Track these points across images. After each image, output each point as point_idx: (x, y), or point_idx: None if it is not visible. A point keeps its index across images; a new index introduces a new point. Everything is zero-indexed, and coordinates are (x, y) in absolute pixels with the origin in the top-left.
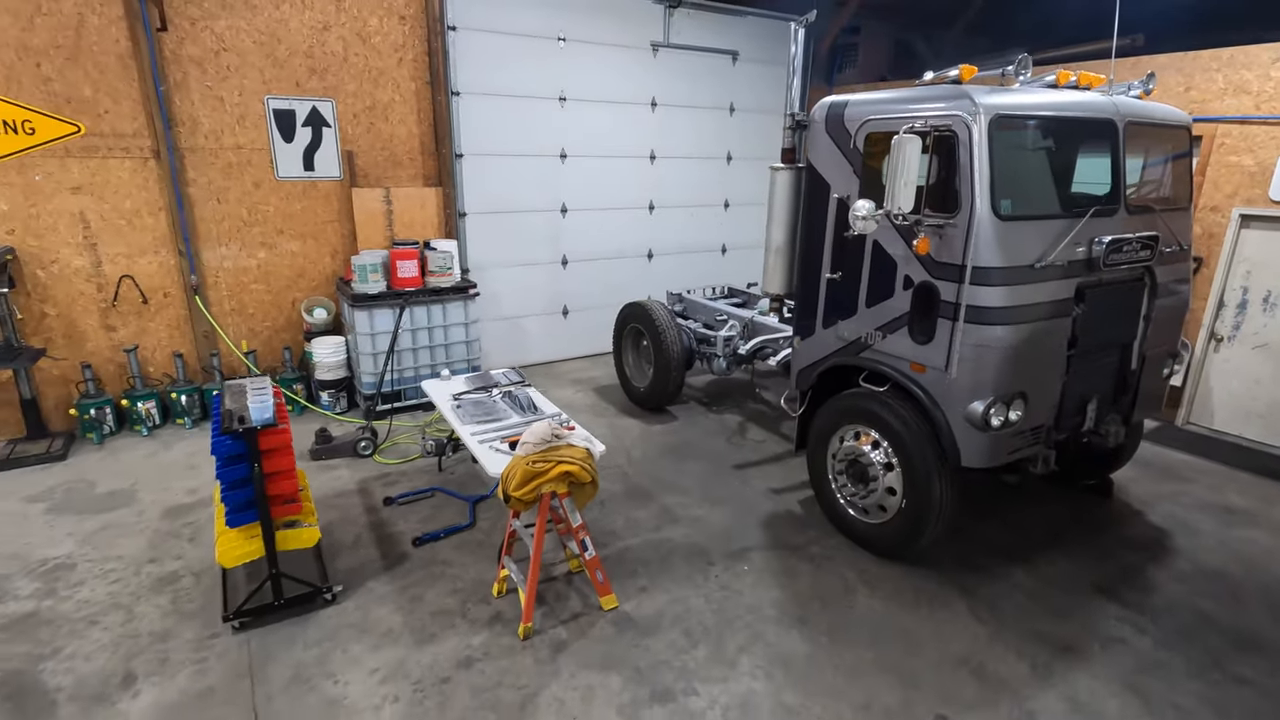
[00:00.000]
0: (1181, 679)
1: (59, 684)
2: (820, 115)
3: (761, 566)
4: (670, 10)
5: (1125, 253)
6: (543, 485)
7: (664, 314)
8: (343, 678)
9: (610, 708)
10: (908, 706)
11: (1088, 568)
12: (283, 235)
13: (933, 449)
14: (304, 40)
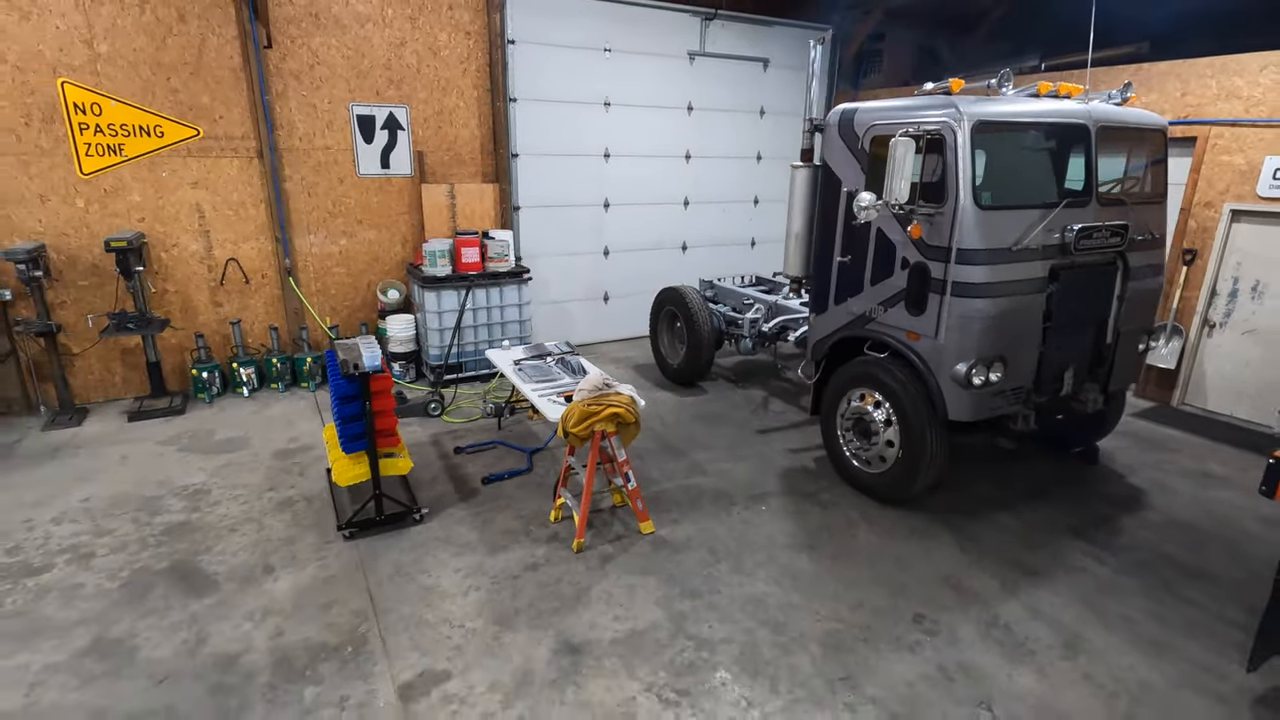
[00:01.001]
0: (1132, 598)
1: (215, 570)
2: (834, 120)
3: (777, 508)
4: (706, 22)
5: (1095, 239)
6: (595, 424)
7: (696, 298)
8: (434, 574)
9: (650, 600)
10: (893, 608)
11: (1065, 515)
12: (361, 225)
13: (925, 406)
14: (384, 54)
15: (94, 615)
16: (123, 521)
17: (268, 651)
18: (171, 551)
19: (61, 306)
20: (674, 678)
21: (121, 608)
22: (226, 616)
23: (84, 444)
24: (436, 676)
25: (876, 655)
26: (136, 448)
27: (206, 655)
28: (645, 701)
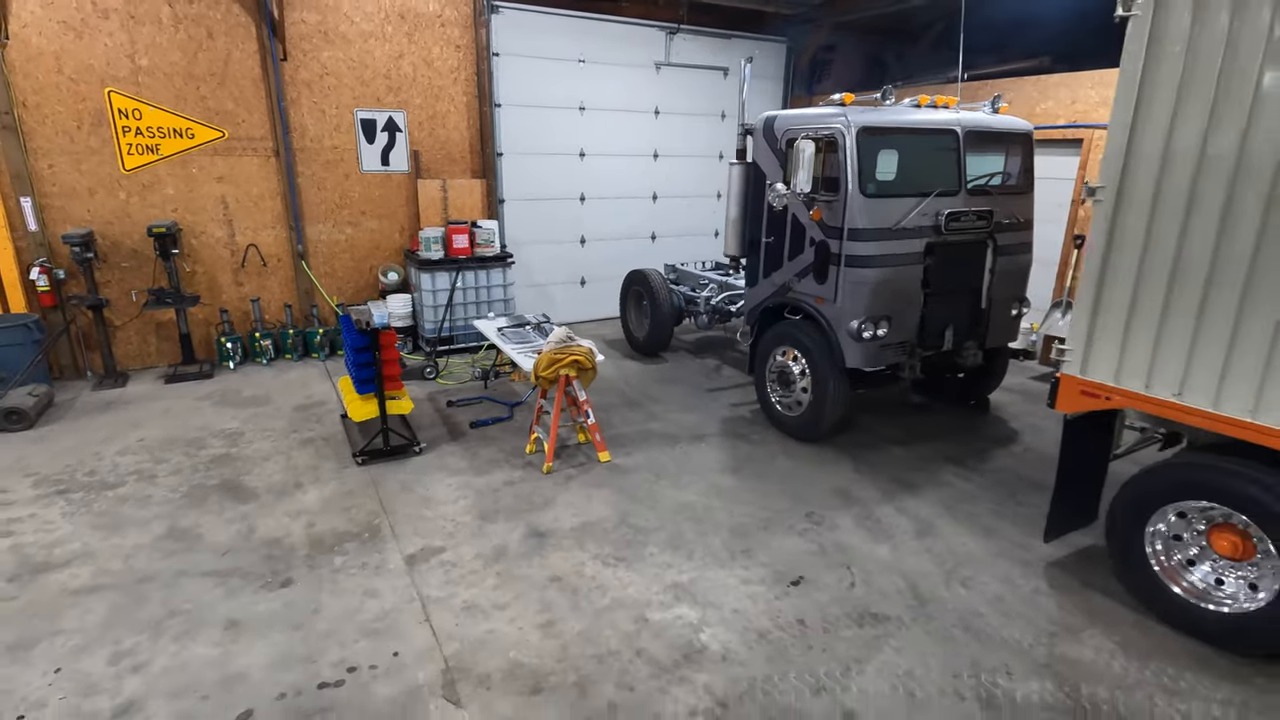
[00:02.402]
0: (981, 503)
1: (256, 486)
2: (760, 126)
3: (714, 445)
4: (670, 35)
5: (963, 222)
6: (560, 368)
7: (659, 279)
8: (431, 488)
9: (602, 504)
10: (792, 508)
11: (948, 448)
12: (364, 215)
13: (829, 358)
14: (384, 65)
15: (165, 514)
16: (175, 453)
17: (304, 536)
18: (219, 473)
19: (106, 285)
20: (615, 551)
21: (185, 509)
22: (269, 515)
23: (131, 400)
24: (433, 550)
25: (772, 537)
26: (176, 403)
27: (256, 538)
28: (592, 565)
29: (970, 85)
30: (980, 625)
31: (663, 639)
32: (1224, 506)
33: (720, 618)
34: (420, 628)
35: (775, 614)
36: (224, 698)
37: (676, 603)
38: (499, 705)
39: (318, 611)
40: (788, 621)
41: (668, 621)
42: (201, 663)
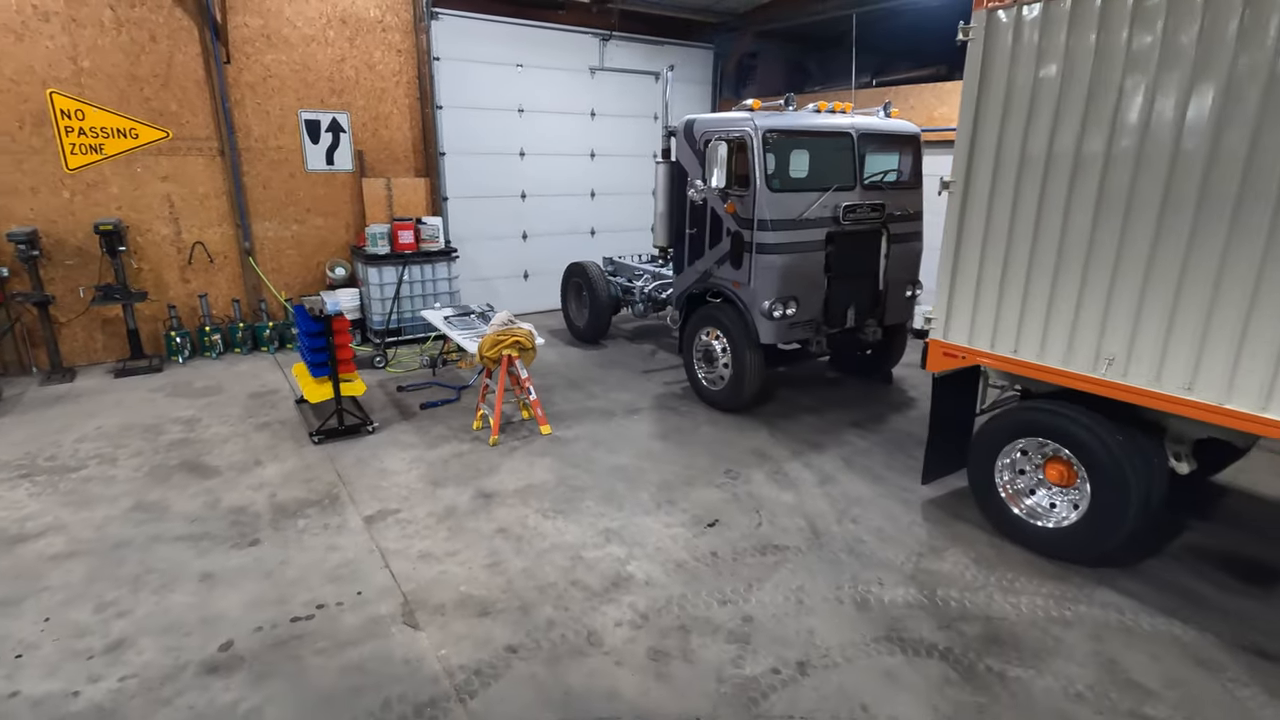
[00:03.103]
0: (876, 458)
1: (217, 464)
2: (681, 128)
3: (647, 417)
4: (604, 42)
5: (858, 213)
6: (503, 349)
7: (597, 271)
8: (385, 461)
9: (543, 469)
10: (713, 466)
11: (853, 414)
12: (310, 213)
13: (746, 335)
14: (327, 69)
15: (130, 491)
16: (134, 439)
17: (267, 504)
18: (180, 455)
19: (51, 283)
20: (554, 506)
21: (151, 486)
22: (232, 488)
23: (81, 394)
24: (390, 511)
25: (693, 489)
26: (128, 395)
27: (222, 508)
28: (534, 518)
29: (875, 91)
30: (862, 550)
31: (595, 571)
32: (1054, 443)
33: (645, 554)
34: (380, 572)
35: (692, 549)
36: (206, 632)
37: (607, 544)
38: (453, 626)
39: (285, 563)
40: (702, 554)
41: (599, 558)
42: (182, 608)
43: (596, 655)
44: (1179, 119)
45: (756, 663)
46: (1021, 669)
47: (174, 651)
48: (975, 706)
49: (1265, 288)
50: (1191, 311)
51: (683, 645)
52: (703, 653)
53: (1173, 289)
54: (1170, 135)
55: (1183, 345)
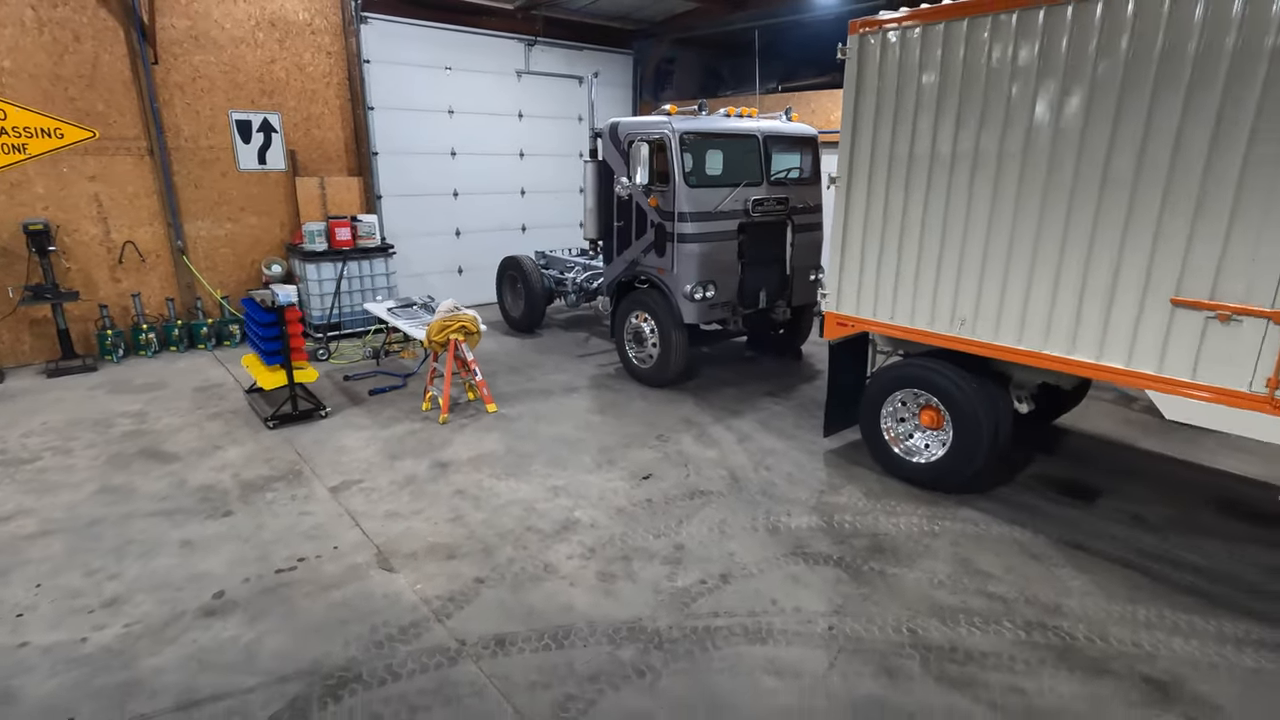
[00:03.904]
0: (787, 419)
1: (176, 450)
2: (607, 130)
3: (584, 395)
4: (529, 47)
5: (766, 206)
6: (450, 333)
7: (530, 263)
8: (342, 441)
9: (493, 442)
10: (646, 433)
11: (768, 386)
12: (244, 212)
13: (671, 316)
14: (257, 70)
15: (92, 477)
16: (84, 432)
17: (233, 482)
18: (136, 444)
19: None
20: (506, 470)
21: (113, 471)
22: (196, 470)
23: (15, 394)
24: (353, 481)
25: (630, 452)
26: (67, 393)
27: (189, 487)
28: (488, 480)
29: (780, 96)
30: (775, 490)
31: (547, 519)
32: (926, 393)
33: (589, 503)
34: (352, 531)
35: (630, 497)
36: (196, 587)
37: (556, 497)
38: (425, 568)
39: (261, 528)
40: (639, 501)
41: (550, 509)
42: (168, 568)
43: (553, 580)
44: (1005, 124)
45: (687, 577)
46: (897, 568)
47: (169, 603)
48: (860, 596)
49: (1068, 261)
50: (1017, 281)
51: (625, 569)
52: (642, 573)
53: (1003, 263)
54: (996, 137)
55: (1013, 306)
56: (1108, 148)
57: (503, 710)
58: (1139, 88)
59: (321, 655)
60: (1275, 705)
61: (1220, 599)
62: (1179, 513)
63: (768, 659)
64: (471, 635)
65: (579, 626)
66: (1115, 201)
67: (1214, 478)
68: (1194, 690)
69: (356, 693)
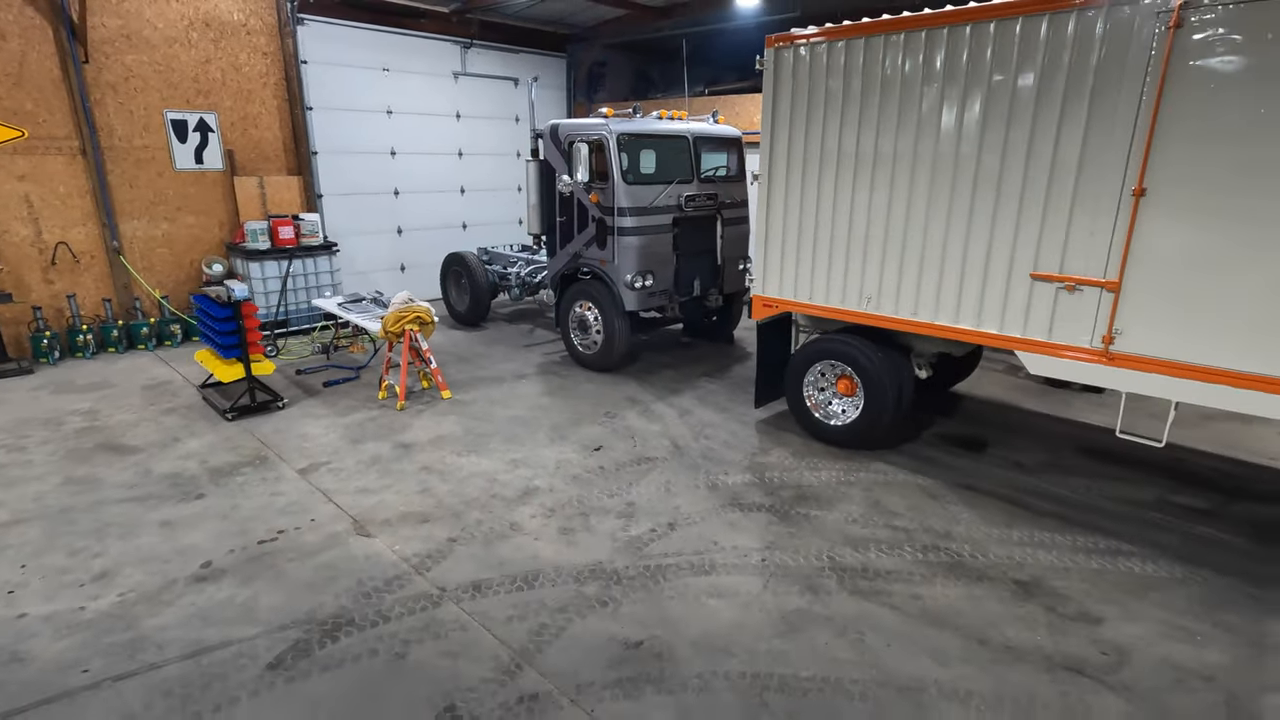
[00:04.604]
0: (722, 396)
1: (136, 444)
2: (547, 131)
3: (533, 381)
4: (465, 49)
5: (697, 202)
6: (405, 323)
7: (474, 259)
8: (303, 429)
9: (451, 425)
10: (594, 411)
11: (704, 368)
12: (181, 211)
13: (614, 304)
14: (191, 70)
15: (53, 470)
16: (36, 430)
17: (201, 469)
18: (92, 439)
19: None
20: (467, 448)
21: (75, 464)
22: (160, 460)
23: None
24: (320, 464)
25: (580, 428)
26: (8, 394)
27: (156, 475)
28: (451, 457)
29: (707, 99)
30: (713, 455)
31: (509, 487)
32: (841, 363)
33: (547, 472)
34: (326, 505)
35: (584, 466)
36: (184, 559)
37: (516, 469)
38: (400, 532)
39: (236, 508)
40: (592, 468)
41: (511, 478)
42: (152, 545)
43: (519, 536)
44: (898, 128)
45: (639, 527)
46: (819, 511)
47: (160, 574)
48: (788, 534)
49: (951, 245)
50: (912, 262)
51: (584, 524)
52: (599, 526)
53: (900, 247)
54: (891, 138)
55: (910, 285)
56: (978, 149)
57: (485, 639)
58: (997, 101)
59: (315, 606)
60: (1109, 593)
61: (1076, 521)
62: (1050, 458)
63: (711, 586)
64: (450, 583)
65: (546, 571)
66: (985, 194)
67: (1080, 429)
68: (1050, 586)
69: (352, 634)
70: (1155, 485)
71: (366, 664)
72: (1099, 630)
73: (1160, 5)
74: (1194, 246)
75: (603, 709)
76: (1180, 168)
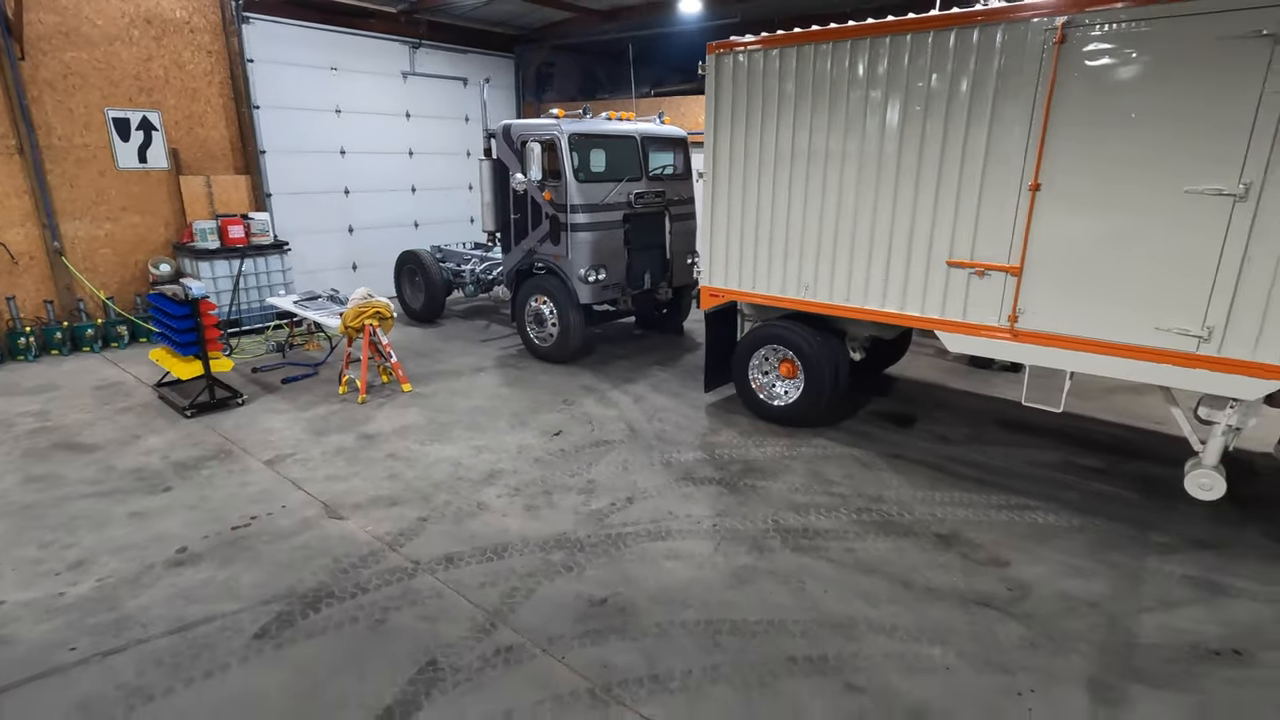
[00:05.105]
0: (674, 383)
1: (95, 442)
2: (500, 131)
3: (492, 373)
4: (414, 49)
5: (646, 199)
6: (365, 318)
7: (429, 257)
8: (266, 424)
9: (414, 415)
10: (552, 399)
11: (656, 357)
12: (125, 211)
13: (568, 298)
14: (133, 67)
15: (10, 470)
16: None
17: (165, 464)
18: (48, 439)
19: None
20: (431, 436)
21: (32, 463)
22: (121, 457)
23: None
24: (286, 455)
25: (540, 415)
26: None
27: (120, 471)
28: (415, 446)
29: (654, 100)
30: (667, 436)
31: (474, 470)
32: (783, 348)
33: (510, 456)
34: (296, 493)
35: (545, 450)
36: (159, 546)
37: (479, 454)
38: (372, 514)
39: (206, 498)
40: (553, 451)
41: (476, 463)
42: (125, 535)
43: (487, 514)
44: (829, 128)
45: (600, 502)
46: (765, 482)
47: (136, 560)
48: (737, 502)
49: (878, 235)
50: (844, 252)
51: (548, 500)
52: (562, 502)
53: (833, 238)
54: (823, 138)
55: (843, 273)
56: (899, 148)
57: (460, 604)
58: (915, 105)
59: (295, 582)
60: (1016, 541)
61: (991, 483)
62: (972, 430)
63: (668, 549)
64: (424, 557)
65: (514, 543)
66: (906, 189)
67: (999, 404)
68: (966, 537)
69: (333, 605)
70: (1061, 450)
71: (349, 630)
72: (1006, 571)
73: (1047, 24)
74: (1082, 234)
75: (572, 656)
76: (1068, 164)
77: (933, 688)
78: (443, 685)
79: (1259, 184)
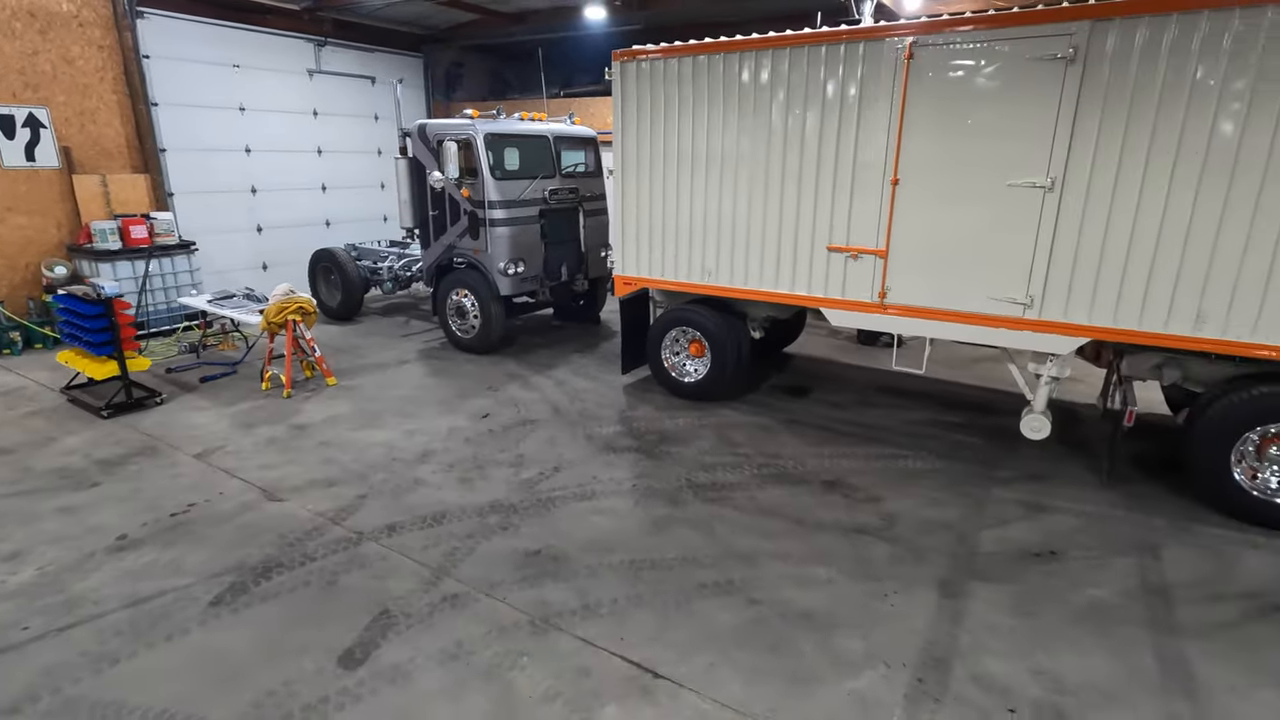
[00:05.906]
0: (592, 368)
1: (5, 446)
2: (415, 130)
3: (416, 365)
4: (319, 47)
5: (560, 195)
6: (288, 314)
7: (344, 254)
8: (189, 421)
9: (343, 406)
10: (478, 387)
11: (574, 345)
12: (11, 212)
13: (489, 290)
14: (16, 61)
15: None
16: None
17: (87, 462)
18: None
19: None
20: (362, 423)
21: None
22: (38, 458)
23: None
24: (216, 448)
25: (467, 400)
26: None
27: (39, 471)
28: (347, 433)
29: (564, 101)
30: (588, 413)
31: (408, 451)
32: (692, 329)
33: (441, 438)
34: (232, 481)
35: (475, 431)
36: (95, 535)
37: (412, 437)
38: (310, 495)
39: (139, 490)
40: (482, 432)
41: (409, 445)
42: (58, 528)
43: (424, 488)
44: (722, 128)
45: (529, 471)
46: (678, 448)
47: (75, 549)
48: (654, 466)
49: (769, 224)
50: (740, 240)
51: (481, 474)
52: (494, 474)
53: (730, 228)
54: (718, 138)
55: (740, 259)
56: (783, 147)
57: (406, 564)
58: (795, 109)
59: (243, 557)
60: (889, 483)
61: (871, 439)
62: (858, 397)
63: (594, 508)
64: (367, 528)
65: (452, 510)
66: (791, 184)
67: (882, 375)
68: (848, 483)
69: (283, 573)
70: (930, 410)
71: (303, 592)
72: (879, 506)
73: (899, 44)
74: (932, 221)
75: (513, 597)
76: (920, 162)
77: (819, 597)
78: (397, 628)
79: (1061, 178)
